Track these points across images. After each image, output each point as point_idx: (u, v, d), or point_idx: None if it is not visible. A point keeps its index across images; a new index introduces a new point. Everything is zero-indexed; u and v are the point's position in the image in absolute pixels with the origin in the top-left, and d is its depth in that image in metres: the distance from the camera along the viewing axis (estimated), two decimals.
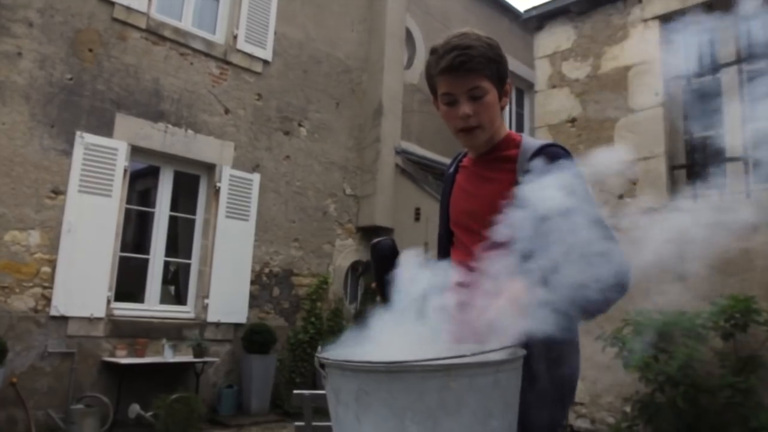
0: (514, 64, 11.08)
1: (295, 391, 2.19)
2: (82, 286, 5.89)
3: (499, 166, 1.52)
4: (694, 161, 4.71)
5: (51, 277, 5.74)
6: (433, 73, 1.53)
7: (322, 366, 1.10)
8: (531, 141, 1.52)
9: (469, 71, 1.43)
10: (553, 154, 1.43)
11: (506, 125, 1.59)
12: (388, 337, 1.20)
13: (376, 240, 1.59)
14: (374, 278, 1.58)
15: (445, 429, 0.97)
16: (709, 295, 4.19)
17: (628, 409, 4.43)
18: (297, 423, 2.21)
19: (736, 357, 4.03)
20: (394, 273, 1.36)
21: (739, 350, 4.05)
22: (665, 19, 5.02)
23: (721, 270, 4.22)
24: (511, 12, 10.93)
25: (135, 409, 5.73)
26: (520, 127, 11.47)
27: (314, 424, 2.21)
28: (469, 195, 1.58)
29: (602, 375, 4.80)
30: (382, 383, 0.98)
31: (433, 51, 1.52)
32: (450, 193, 1.67)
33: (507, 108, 10.94)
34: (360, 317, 7.92)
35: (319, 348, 1.16)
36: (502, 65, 1.49)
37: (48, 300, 5.71)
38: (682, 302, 4.29)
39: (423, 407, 0.97)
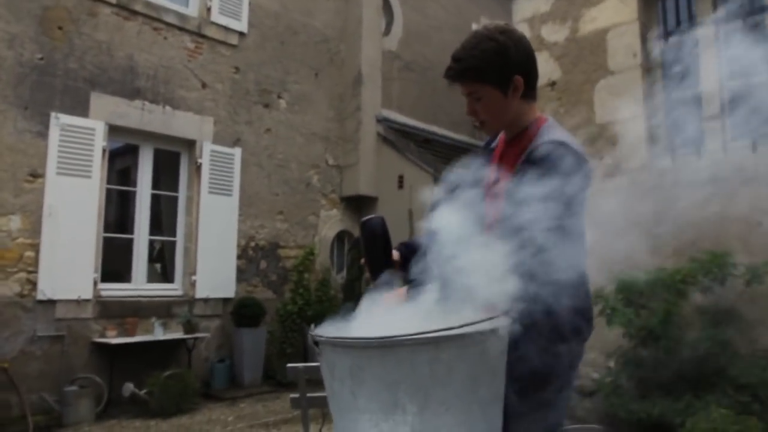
0: None
1: (289, 365, 2.24)
2: (68, 269, 5.86)
3: (513, 152, 1.60)
4: (672, 120, 4.77)
5: (35, 262, 5.70)
6: None
7: (316, 343, 1.13)
8: (546, 133, 1.56)
9: (462, 81, 1.58)
10: (551, 151, 1.46)
11: (534, 110, 1.65)
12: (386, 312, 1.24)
13: (366, 218, 1.63)
14: (364, 254, 1.63)
15: (436, 399, 1.02)
16: (687, 250, 4.30)
17: (611, 364, 4.56)
18: (292, 395, 2.26)
19: (715, 310, 4.15)
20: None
21: (717, 303, 4.17)
22: None
23: (698, 225, 4.32)
24: None
25: (129, 387, 5.79)
26: None
27: (308, 395, 2.27)
28: (500, 164, 1.66)
29: None
30: (375, 358, 1.02)
31: None
32: (489, 161, 1.73)
33: None
34: (347, 287, 8.00)
35: (312, 326, 1.20)
36: (500, 68, 1.54)
37: (34, 284, 5.68)
38: (662, 259, 4.40)
39: (415, 379, 1.01)
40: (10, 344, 5.51)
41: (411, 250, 1.65)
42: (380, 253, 1.60)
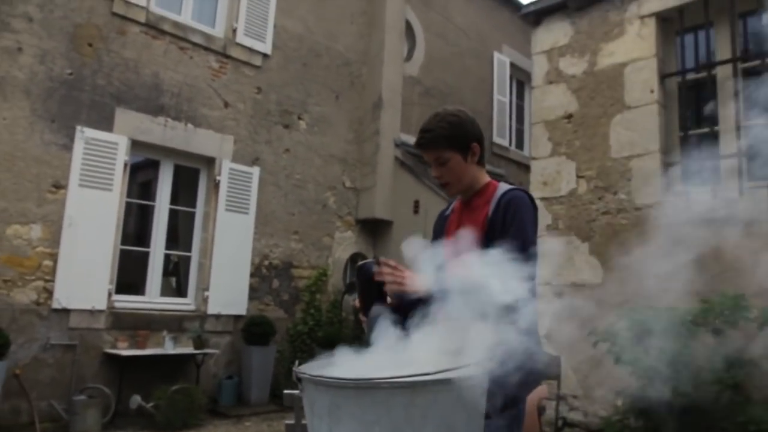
0: (514, 56, 11.06)
1: (286, 392, 2.26)
2: (84, 279, 5.97)
3: (478, 206, 1.94)
4: (688, 158, 4.74)
5: (53, 271, 5.82)
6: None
7: (299, 380, 1.16)
8: (505, 187, 1.93)
9: (432, 147, 1.91)
10: (519, 194, 1.86)
11: (486, 175, 2.01)
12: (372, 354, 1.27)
13: (362, 262, 1.74)
14: (359, 297, 1.71)
15: None
16: (700, 291, 4.24)
17: (619, 403, 4.50)
18: (287, 422, 2.28)
19: (726, 353, 4.08)
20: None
21: (728, 346, 4.10)
22: (662, 16, 5.02)
23: (711, 267, 4.27)
24: (512, 4, 10.90)
25: (136, 400, 5.83)
26: (520, 119, 11.47)
27: (304, 422, 2.28)
28: (460, 224, 1.96)
29: (594, 369, 4.87)
30: (352, 398, 1.04)
31: None
32: (444, 227, 2.05)
33: (507, 100, 10.91)
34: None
35: (297, 362, 1.22)
36: (463, 136, 1.92)
37: (50, 293, 5.80)
38: (674, 299, 4.35)
39: (390, 422, 1.03)
40: (24, 351, 5.61)
41: (405, 300, 1.71)
42: (375, 297, 1.68)
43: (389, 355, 1.24)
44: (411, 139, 8.91)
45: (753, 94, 4.34)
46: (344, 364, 1.22)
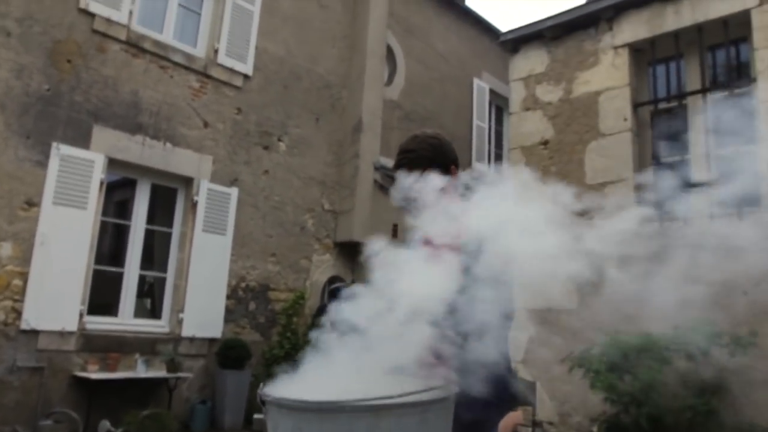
0: (493, 83, 11.24)
1: (256, 415, 2.22)
2: (55, 300, 5.83)
3: None
4: (660, 185, 4.82)
5: (22, 290, 5.68)
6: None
7: (263, 402, 1.14)
8: None
9: (413, 168, 1.88)
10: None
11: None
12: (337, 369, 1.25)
13: (336, 285, 1.71)
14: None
15: None
16: (672, 316, 4.28)
17: (595, 429, 4.49)
18: None
19: (699, 379, 4.11)
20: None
21: (701, 372, 4.13)
22: (634, 46, 5.15)
23: (683, 292, 4.31)
24: (491, 32, 11.10)
25: (105, 425, 5.68)
26: (499, 144, 11.61)
27: None
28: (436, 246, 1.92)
29: (570, 395, 4.87)
30: (314, 422, 1.02)
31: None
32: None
33: (486, 126, 11.05)
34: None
35: (261, 385, 1.20)
36: (442, 157, 1.92)
37: (18, 313, 5.65)
38: (647, 325, 4.38)
39: None
40: None
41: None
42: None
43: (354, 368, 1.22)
44: (390, 163, 8.94)
45: (721, 123, 4.45)
46: (312, 379, 1.20)
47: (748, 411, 4.05)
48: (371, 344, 1.23)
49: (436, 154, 1.92)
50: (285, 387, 1.20)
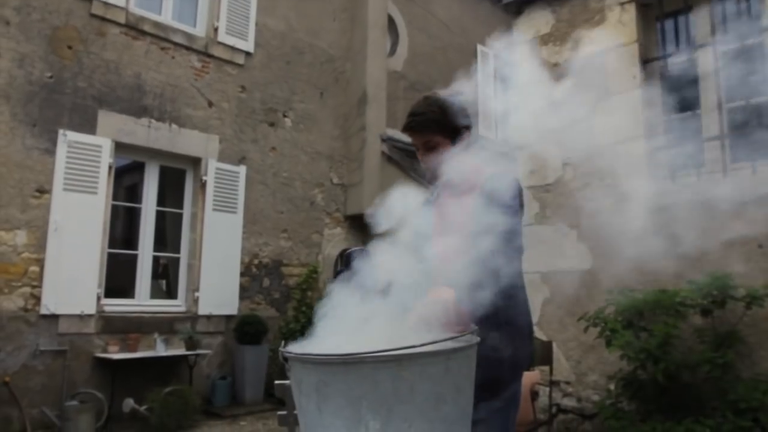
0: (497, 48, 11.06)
1: (277, 382, 2.25)
2: (72, 284, 5.91)
3: (464, 191, 1.87)
4: (672, 142, 4.77)
5: (39, 276, 5.76)
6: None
7: (285, 359, 1.15)
8: (487, 170, 1.90)
9: (421, 130, 1.88)
10: (500, 177, 1.83)
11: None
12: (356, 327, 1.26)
13: (349, 250, 1.73)
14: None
15: (399, 415, 1.03)
16: (687, 272, 4.28)
17: (612, 386, 4.52)
18: (279, 412, 2.27)
19: (715, 333, 4.12)
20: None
21: (717, 326, 4.14)
22: (641, 2, 5.05)
23: (697, 247, 4.31)
24: None
25: (129, 403, 5.79)
26: None
27: (296, 412, 2.27)
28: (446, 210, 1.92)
29: (586, 354, 4.90)
30: (339, 374, 1.03)
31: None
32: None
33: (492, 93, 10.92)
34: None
35: (283, 342, 1.21)
36: (451, 120, 1.87)
37: (37, 299, 5.73)
38: (662, 280, 4.38)
39: (377, 396, 1.02)
40: (12, 358, 5.54)
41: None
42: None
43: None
44: (397, 134, 8.90)
45: (732, 76, 4.38)
46: (333, 338, 1.22)
47: (765, 364, 4.06)
48: (392, 299, 1.24)
49: (445, 116, 1.87)
50: (306, 346, 1.22)
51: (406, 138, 8.63)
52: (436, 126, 1.86)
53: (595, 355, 4.83)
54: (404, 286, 1.27)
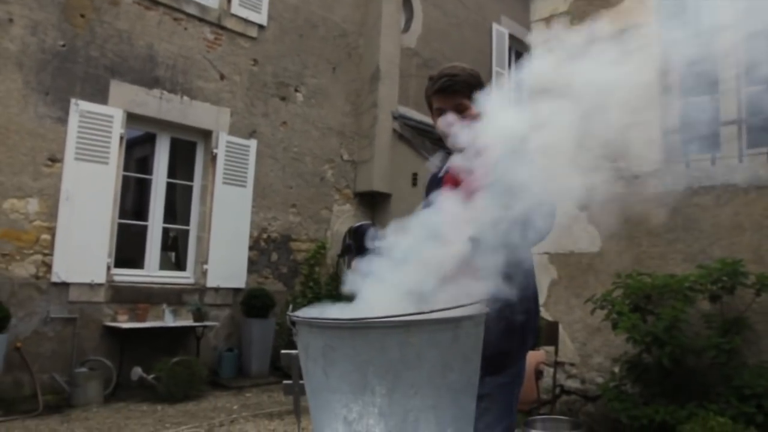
0: (513, 27, 10.93)
1: (283, 351, 2.26)
2: (82, 253, 5.97)
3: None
4: (687, 125, 4.70)
5: (51, 244, 5.81)
6: (429, 94, 1.99)
7: (293, 323, 1.15)
8: None
9: (451, 93, 1.89)
10: None
11: None
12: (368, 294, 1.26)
13: (356, 224, 1.73)
14: (353, 259, 1.69)
15: (405, 381, 1.03)
16: (697, 257, 4.25)
17: (616, 369, 4.52)
18: (285, 381, 2.28)
19: (723, 319, 4.09)
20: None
21: (725, 312, 4.11)
22: None
23: (709, 232, 4.28)
24: None
25: (137, 371, 5.88)
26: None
27: (302, 382, 2.28)
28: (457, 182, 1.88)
29: (592, 336, 4.90)
30: (346, 339, 1.03)
31: (430, 78, 1.99)
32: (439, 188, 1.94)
33: (506, 72, 10.79)
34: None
35: (290, 307, 1.21)
36: (482, 89, 1.85)
37: (49, 267, 5.80)
38: (671, 265, 4.36)
39: (384, 361, 1.02)
40: (24, 324, 5.63)
41: None
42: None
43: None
44: (409, 112, 8.84)
45: (752, 59, 4.29)
46: (339, 308, 1.21)
47: None
48: (404, 268, 1.23)
49: (477, 82, 1.92)
50: (314, 312, 1.22)
51: (418, 116, 8.57)
52: (468, 90, 1.88)
53: (600, 337, 4.83)
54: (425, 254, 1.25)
